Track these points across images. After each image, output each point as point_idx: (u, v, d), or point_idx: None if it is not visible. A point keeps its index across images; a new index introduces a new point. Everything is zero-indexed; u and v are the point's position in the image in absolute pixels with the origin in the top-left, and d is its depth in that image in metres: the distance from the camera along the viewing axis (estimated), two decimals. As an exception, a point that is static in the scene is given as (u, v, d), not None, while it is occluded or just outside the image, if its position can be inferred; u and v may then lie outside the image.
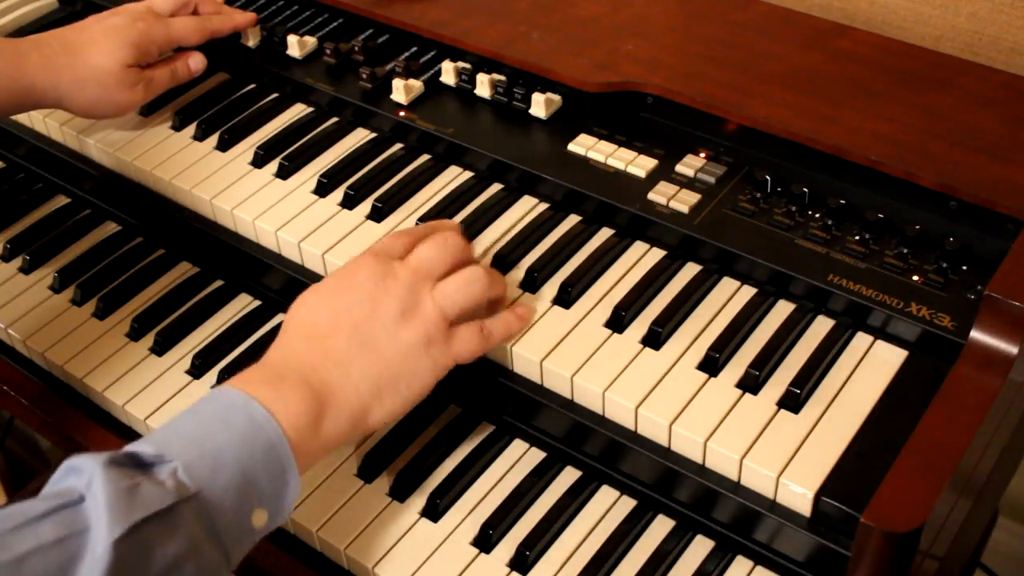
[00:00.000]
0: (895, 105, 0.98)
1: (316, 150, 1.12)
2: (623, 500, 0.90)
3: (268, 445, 0.75)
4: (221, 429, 0.75)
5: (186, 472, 0.72)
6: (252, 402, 0.77)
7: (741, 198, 0.97)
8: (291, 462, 0.76)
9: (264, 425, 0.76)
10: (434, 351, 0.85)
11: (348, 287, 0.86)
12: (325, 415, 0.80)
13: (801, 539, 0.79)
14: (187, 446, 0.74)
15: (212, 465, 0.73)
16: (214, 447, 0.74)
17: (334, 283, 0.87)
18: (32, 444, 2.13)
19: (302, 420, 0.78)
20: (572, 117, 1.08)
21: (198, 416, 0.77)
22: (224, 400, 0.77)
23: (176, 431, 0.76)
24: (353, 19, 1.23)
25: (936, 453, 0.75)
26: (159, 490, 0.70)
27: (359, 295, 0.85)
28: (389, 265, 0.87)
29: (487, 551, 0.87)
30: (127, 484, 0.69)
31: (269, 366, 0.82)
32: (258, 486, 0.75)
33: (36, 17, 1.40)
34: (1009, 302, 0.79)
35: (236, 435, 0.75)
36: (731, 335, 0.88)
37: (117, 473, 0.70)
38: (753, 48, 1.08)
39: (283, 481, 0.76)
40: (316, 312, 0.85)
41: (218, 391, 0.79)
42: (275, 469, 0.76)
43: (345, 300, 0.85)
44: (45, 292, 1.14)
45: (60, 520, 0.67)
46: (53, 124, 1.21)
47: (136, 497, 0.69)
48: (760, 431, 0.81)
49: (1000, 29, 1.16)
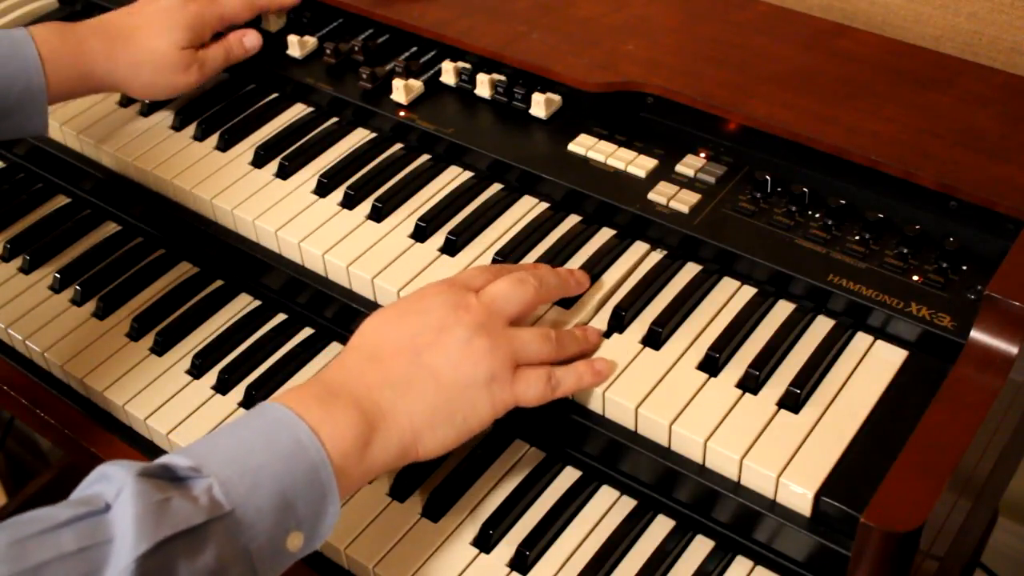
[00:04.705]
0: (895, 105, 0.98)
1: (316, 150, 1.12)
2: (623, 500, 0.90)
3: (311, 467, 0.73)
4: (263, 447, 0.73)
5: (222, 489, 0.69)
6: (299, 422, 0.74)
7: (741, 198, 0.97)
8: (333, 487, 0.74)
9: (308, 447, 0.73)
10: (495, 388, 0.82)
11: (417, 311, 0.84)
12: (373, 440, 0.77)
13: (801, 539, 0.79)
14: (226, 462, 0.71)
15: (250, 484, 0.70)
16: (254, 465, 0.71)
17: (404, 305, 0.85)
18: (32, 444, 2.13)
19: (348, 443, 0.75)
20: (572, 117, 1.08)
21: (241, 431, 0.74)
22: (270, 416, 0.75)
23: (216, 445, 0.73)
24: (353, 19, 1.23)
25: (936, 453, 0.75)
26: (190, 506, 0.68)
27: (427, 321, 0.82)
28: (463, 296, 0.84)
29: (487, 551, 0.87)
30: (158, 498, 0.67)
31: (324, 383, 0.80)
32: (296, 509, 0.72)
33: (36, 17, 1.40)
34: (1009, 302, 0.79)
35: (278, 455, 0.72)
36: (731, 335, 0.88)
37: (149, 485, 0.68)
38: (753, 48, 1.08)
39: (323, 506, 0.73)
40: (380, 333, 0.83)
41: (266, 406, 0.76)
42: (316, 493, 0.73)
43: (412, 324, 0.83)
44: (45, 292, 1.14)
45: (83, 529, 0.65)
46: (53, 124, 1.21)
47: (166, 512, 0.67)
48: (760, 431, 0.81)
49: (1000, 29, 1.16)
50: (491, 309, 0.84)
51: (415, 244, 1.00)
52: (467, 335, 0.81)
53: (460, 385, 0.81)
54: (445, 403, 0.80)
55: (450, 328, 0.82)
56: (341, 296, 1.01)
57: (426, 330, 0.82)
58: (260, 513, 0.70)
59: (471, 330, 0.82)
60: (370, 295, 0.99)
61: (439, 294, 0.85)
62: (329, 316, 1.05)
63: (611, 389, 0.85)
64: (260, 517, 0.70)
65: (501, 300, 0.85)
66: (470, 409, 0.81)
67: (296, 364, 1.03)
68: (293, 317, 1.08)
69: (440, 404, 0.80)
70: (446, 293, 0.85)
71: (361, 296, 1.00)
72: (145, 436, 1.01)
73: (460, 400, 0.81)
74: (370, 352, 0.82)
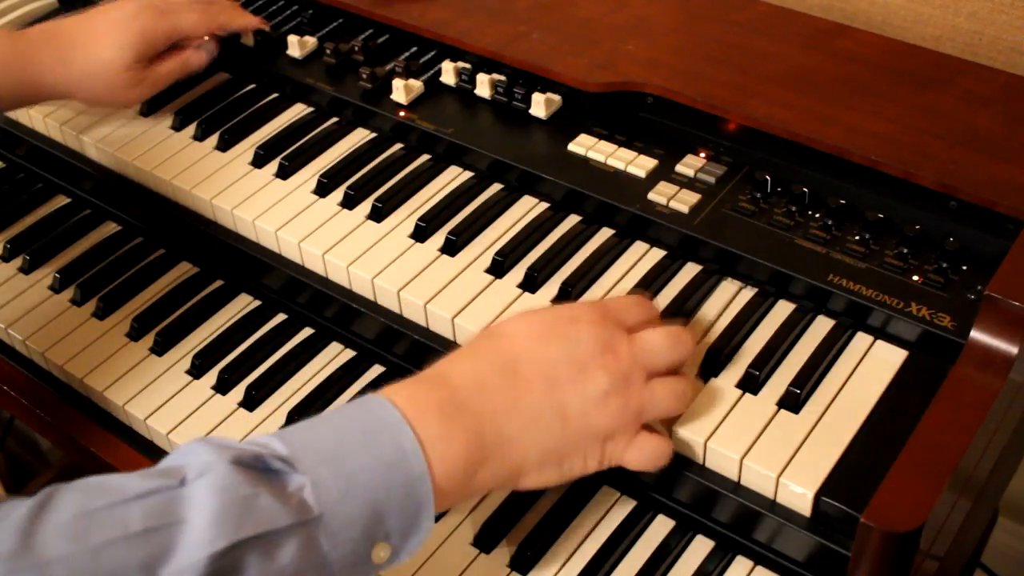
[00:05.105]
0: (895, 105, 0.98)
1: (316, 150, 1.12)
2: (623, 500, 0.90)
3: (410, 479, 0.69)
4: (363, 449, 0.68)
5: (314, 492, 0.66)
6: (405, 427, 0.70)
7: (741, 198, 0.96)
8: (430, 503, 0.70)
9: (411, 457, 0.69)
10: (609, 447, 0.79)
11: (565, 337, 0.78)
12: (484, 467, 0.73)
13: (801, 539, 0.79)
14: (322, 460, 0.67)
15: (344, 488, 0.66)
16: (351, 469, 0.67)
17: (552, 321, 0.80)
18: (32, 444, 2.13)
19: (459, 467, 0.72)
20: (572, 117, 1.08)
21: (343, 425, 0.70)
22: (376, 413, 0.71)
23: (316, 436, 0.69)
24: (353, 19, 1.23)
25: (936, 453, 0.75)
26: (277, 506, 0.64)
27: (573, 352, 0.78)
28: (614, 335, 0.79)
29: (487, 551, 0.87)
30: (246, 492, 0.64)
31: (451, 388, 0.75)
32: (387, 521, 0.68)
33: (36, 17, 1.40)
34: (1009, 302, 0.79)
35: (377, 460, 0.68)
36: (731, 335, 0.88)
37: (239, 476, 0.64)
38: (753, 48, 1.07)
39: (416, 520, 0.69)
40: (522, 344, 0.78)
41: (373, 400, 0.72)
42: (411, 507, 0.69)
43: (557, 350, 0.78)
44: (45, 292, 1.14)
45: (154, 505, 0.62)
46: (53, 124, 1.21)
47: (252, 510, 0.63)
48: (760, 431, 0.81)
49: (1000, 29, 1.16)
50: (638, 361, 0.79)
51: (415, 244, 1.00)
52: (607, 386, 0.77)
53: (582, 434, 0.77)
54: (562, 448, 0.77)
55: (593, 372, 0.77)
56: (341, 296, 1.01)
57: (569, 363, 0.77)
58: (349, 521, 0.67)
59: (612, 381, 0.77)
60: (370, 295, 0.99)
61: (592, 324, 0.79)
62: (329, 316, 1.05)
63: (611, 389, 0.85)
64: (348, 525, 0.67)
65: (652, 356, 0.80)
66: (582, 459, 0.78)
67: (296, 364, 1.03)
68: (293, 317, 1.08)
69: (558, 447, 0.77)
70: (599, 325, 0.79)
71: (361, 296, 1.00)
72: (145, 436, 1.01)
73: (576, 448, 0.77)
74: (506, 362, 0.77)
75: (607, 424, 0.78)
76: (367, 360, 1.03)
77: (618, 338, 0.79)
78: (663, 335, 0.81)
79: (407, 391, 0.74)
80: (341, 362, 1.03)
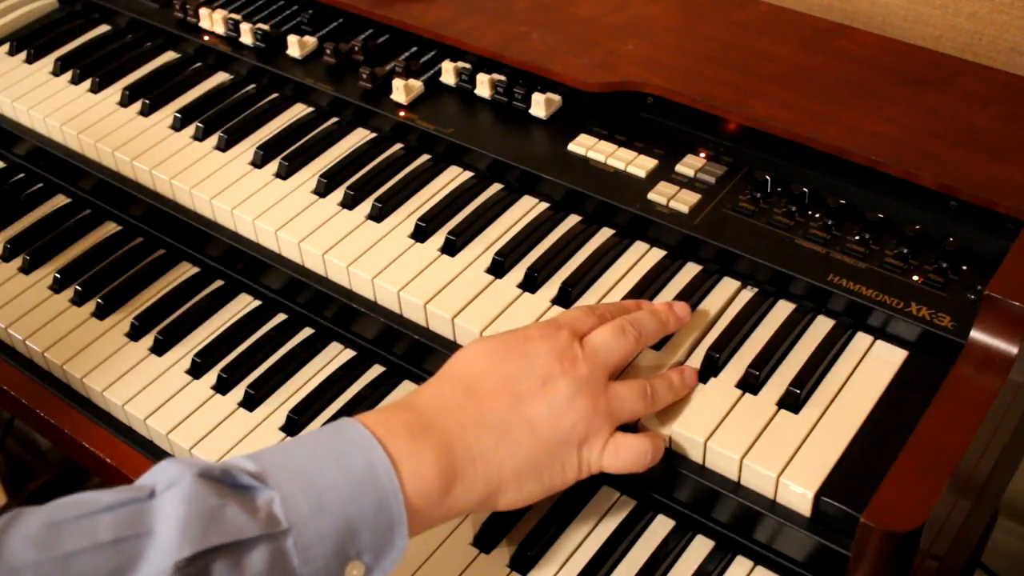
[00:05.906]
0: (895, 105, 0.98)
1: (316, 150, 1.12)
2: (623, 500, 0.90)
3: (381, 496, 0.69)
4: (333, 466, 0.69)
5: (283, 506, 0.66)
6: (375, 445, 0.70)
7: (741, 198, 0.96)
8: (402, 520, 0.70)
9: (381, 474, 0.70)
10: (586, 452, 0.79)
11: (522, 354, 0.80)
12: (457, 484, 0.74)
13: (801, 539, 0.79)
14: (292, 476, 0.68)
15: (314, 503, 0.67)
16: (321, 485, 0.68)
17: (510, 341, 0.81)
18: (32, 444, 2.13)
19: (431, 484, 0.72)
20: (572, 117, 1.08)
21: (313, 444, 0.71)
22: (347, 434, 0.72)
23: (287, 455, 0.70)
24: (353, 19, 1.23)
25: (936, 453, 0.75)
26: (245, 518, 0.65)
27: (531, 367, 0.79)
28: (569, 345, 0.81)
29: (487, 551, 0.87)
30: (212, 503, 0.64)
31: (416, 410, 0.76)
32: (359, 537, 0.68)
33: (36, 17, 1.40)
34: (1009, 302, 0.79)
35: (348, 478, 0.69)
36: (731, 335, 0.88)
37: (206, 488, 0.65)
38: (753, 48, 1.08)
39: (388, 537, 0.69)
40: (479, 366, 0.79)
41: (346, 423, 0.73)
42: (383, 524, 0.69)
43: (515, 367, 0.79)
44: (45, 292, 1.14)
45: (122, 516, 0.63)
46: (53, 124, 1.21)
47: (218, 520, 0.64)
48: (760, 431, 0.81)
49: (1000, 29, 1.16)
50: (595, 362, 0.81)
51: (415, 244, 1.00)
52: (571, 392, 0.78)
53: (555, 442, 0.78)
54: (537, 458, 0.77)
55: (554, 380, 0.79)
56: (341, 296, 1.01)
57: (529, 377, 0.78)
58: (320, 537, 0.67)
59: (575, 386, 0.79)
60: (370, 295, 0.99)
61: (545, 338, 0.81)
62: (329, 316, 1.05)
63: (611, 389, 0.85)
64: (318, 541, 0.67)
65: (604, 352, 0.82)
66: (559, 468, 0.78)
67: (296, 364, 1.03)
68: (293, 317, 1.08)
69: (532, 458, 0.77)
70: (553, 339, 0.81)
71: (361, 296, 1.00)
72: (145, 436, 1.01)
73: (551, 457, 0.78)
74: (467, 385, 0.78)
75: (578, 428, 0.78)
76: (367, 360, 1.03)
77: (572, 346, 0.81)
78: (607, 330, 0.83)
79: (376, 415, 0.75)
80: (341, 362, 1.03)
